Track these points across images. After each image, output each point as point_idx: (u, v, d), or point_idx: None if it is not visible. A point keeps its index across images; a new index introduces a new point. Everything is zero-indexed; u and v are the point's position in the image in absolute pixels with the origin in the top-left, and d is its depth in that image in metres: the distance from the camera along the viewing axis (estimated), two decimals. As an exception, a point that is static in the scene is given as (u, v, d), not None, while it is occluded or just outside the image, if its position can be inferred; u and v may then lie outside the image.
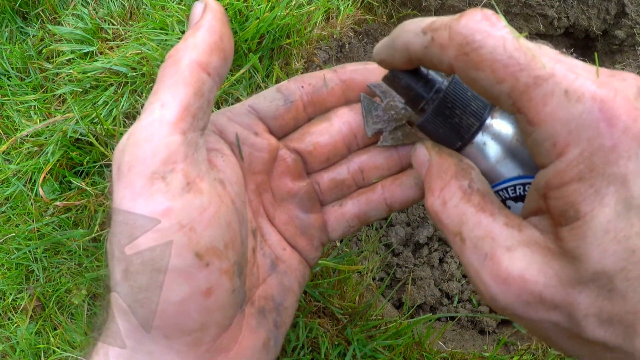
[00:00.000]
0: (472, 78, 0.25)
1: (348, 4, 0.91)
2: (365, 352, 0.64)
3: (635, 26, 0.94)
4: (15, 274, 0.82)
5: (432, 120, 0.30)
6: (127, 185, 0.25)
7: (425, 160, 0.31)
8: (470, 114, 0.29)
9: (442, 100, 0.29)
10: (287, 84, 0.36)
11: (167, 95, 0.27)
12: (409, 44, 0.27)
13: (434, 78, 0.31)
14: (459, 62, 0.25)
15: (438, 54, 0.26)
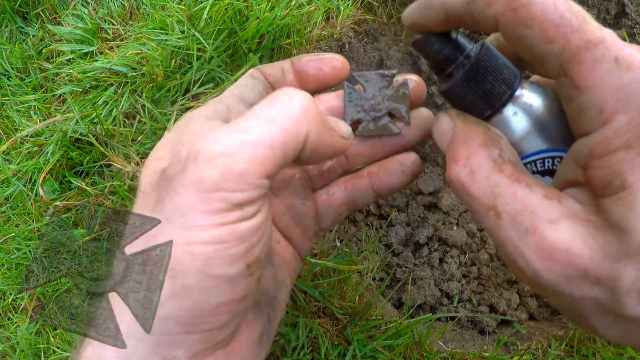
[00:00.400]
0: (519, 35, 0.24)
1: (348, 4, 0.91)
2: (365, 352, 0.64)
3: (636, 26, 0.93)
4: (15, 274, 0.82)
5: (461, 85, 0.29)
6: (203, 200, 0.25)
7: (449, 129, 0.29)
8: (502, 82, 0.28)
9: (474, 64, 0.28)
10: (255, 72, 0.36)
11: (274, 133, 0.27)
12: (448, 1, 0.26)
13: (464, 43, 0.30)
14: (506, 17, 0.24)
15: (482, 9, 0.25)
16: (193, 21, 0.84)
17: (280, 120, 0.26)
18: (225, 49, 0.83)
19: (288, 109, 0.27)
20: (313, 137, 0.28)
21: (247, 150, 0.25)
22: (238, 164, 0.25)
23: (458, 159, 0.27)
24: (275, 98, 0.27)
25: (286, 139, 0.26)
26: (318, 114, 0.28)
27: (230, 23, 0.82)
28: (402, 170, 0.36)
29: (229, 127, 0.26)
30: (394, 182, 0.37)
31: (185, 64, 0.84)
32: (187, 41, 0.82)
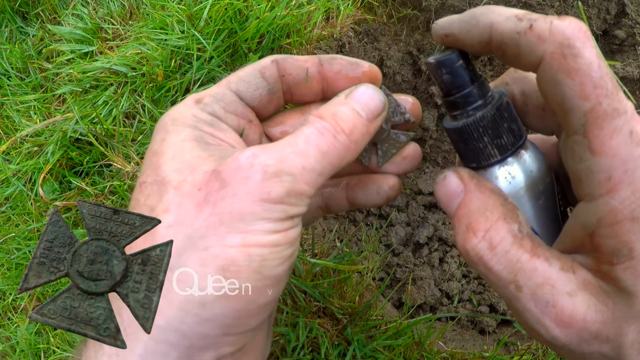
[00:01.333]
0: (557, 81, 0.25)
1: (348, 4, 0.90)
2: (365, 352, 0.64)
3: (636, 26, 0.93)
4: (15, 274, 0.82)
5: (477, 127, 0.28)
6: (267, 209, 0.27)
7: (458, 190, 0.29)
8: (513, 135, 0.28)
9: (498, 109, 0.28)
10: (271, 66, 0.35)
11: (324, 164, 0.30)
12: (497, 24, 0.26)
13: (487, 85, 0.29)
14: (553, 60, 0.24)
15: (533, 43, 0.25)
16: (193, 21, 0.84)
17: (330, 155, 0.30)
18: (225, 49, 0.83)
19: (336, 146, 0.30)
20: (353, 158, 0.31)
21: (306, 175, 0.29)
22: (300, 186, 0.28)
23: (476, 230, 0.27)
24: (324, 131, 0.30)
25: (331, 170, 0.30)
26: (360, 139, 0.31)
27: (230, 23, 0.82)
28: (377, 193, 0.37)
29: (289, 147, 0.29)
30: (368, 200, 0.38)
31: (185, 64, 0.84)
32: (187, 41, 0.82)
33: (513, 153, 0.29)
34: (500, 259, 0.26)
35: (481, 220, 0.27)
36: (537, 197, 0.29)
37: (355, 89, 0.33)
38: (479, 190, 0.28)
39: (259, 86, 0.35)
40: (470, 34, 0.28)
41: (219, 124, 0.33)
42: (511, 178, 0.29)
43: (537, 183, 0.29)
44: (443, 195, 0.30)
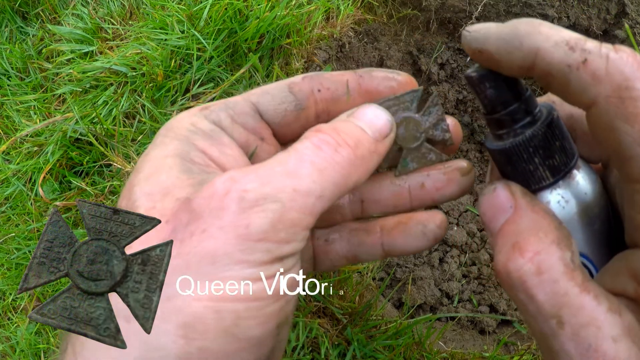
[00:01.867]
0: (614, 127, 0.22)
1: (348, 4, 0.90)
2: (365, 352, 0.64)
3: (636, 26, 0.93)
4: (15, 274, 0.82)
5: (527, 147, 0.25)
6: (245, 248, 0.22)
7: (508, 206, 0.25)
8: (566, 154, 0.25)
9: (549, 127, 0.25)
10: (302, 82, 0.30)
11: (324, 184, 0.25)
12: (544, 51, 0.22)
13: (534, 101, 0.26)
14: (610, 104, 0.22)
15: (585, 82, 0.22)
16: (193, 21, 0.84)
17: (331, 172, 0.25)
18: (225, 49, 0.83)
19: (337, 162, 0.25)
20: (362, 179, 0.27)
21: (299, 199, 0.23)
22: (290, 214, 0.23)
23: (524, 250, 0.23)
24: (322, 144, 0.25)
25: (335, 191, 0.25)
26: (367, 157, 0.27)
27: (230, 23, 0.82)
28: (423, 233, 0.31)
29: (277, 165, 0.24)
30: (410, 245, 0.32)
31: (185, 64, 0.84)
32: (187, 41, 0.82)
33: (566, 174, 0.26)
34: (547, 288, 0.23)
35: (532, 241, 0.23)
36: (592, 222, 0.26)
37: (358, 108, 0.29)
38: (532, 209, 0.24)
39: (284, 100, 0.30)
40: (510, 56, 0.23)
41: (220, 136, 0.28)
42: (564, 202, 0.26)
43: (592, 206, 0.26)
44: (489, 208, 0.26)
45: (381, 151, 0.28)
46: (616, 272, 0.24)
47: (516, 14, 0.93)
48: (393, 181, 0.32)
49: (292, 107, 0.30)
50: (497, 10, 0.92)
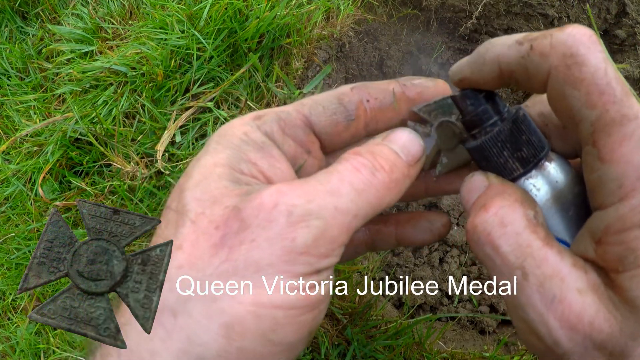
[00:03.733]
0: (565, 95, 0.24)
1: (348, 4, 0.90)
2: (366, 353, 0.64)
3: (636, 25, 0.93)
4: (15, 274, 0.82)
5: (495, 142, 0.28)
6: (289, 260, 0.24)
7: (482, 185, 0.28)
8: (534, 147, 0.28)
9: (514, 123, 0.28)
10: (351, 93, 0.31)
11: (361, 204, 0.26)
12: (502, 55, 0.26)
13: (501, 103, 0.29)
14: (558, 72, 0.24)
15: (537, 62, 0.24)
16: (193, 21, 0.84)
17: (367, 194, 0.26)
18: (225, 49, 0.83)
19: (374, 184, 0.27)
20: (394, 201, 0.28)
21: (339, 217, 0.25)
22: (331, 231, 0.25)
23: (489, 207, 0.25)
24: (361, 167, 0.27)
25: (369, 211, 0.27)
26: (400, 181, 0.28)
27: (230, 22, 0.82)
28: (429, 229, 0.35)
29: (319, 184, 0.26)
30: (418, 237, 0.35)
31: (185, 64, 0.84)
32: (187, 41, 0.82)
33: (536, 165, 0.28)
34: (510, 239, 0.24)
35: (497, 200, 0.25)
36: (567, 208, 0.28)
37: (393, 132, 0.30)
38: (502, 183, 0.27)
39: (336, 111, 0.31)
40: (481, 72, 0.27)
41: (270, 149, 0.30)
42: (536, 190, 0.28)
43: (565, 194, 0.28)
44: (466, 190, 0.28)
45: (413, 175, 0.29)
46: (580, 239, 0.26)
47: (516, 13, 0.93)
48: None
49: (343, 119, 0.31)
50: (497, 10, 0.92)
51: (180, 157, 0.79)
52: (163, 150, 0.79)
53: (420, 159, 0.30)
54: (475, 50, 0.28)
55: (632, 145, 0.23)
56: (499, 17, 0.93)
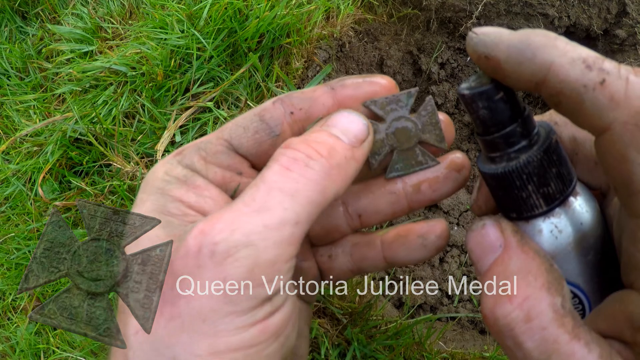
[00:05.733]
0: (627, 156, 0.20)
1: (348, 3, 0.90)
2: (366, 353, 0.64)
3: (636, 25, 0.93)
4: (15, 274, 0.82)
5: (521, 174, 0.23)
6: (228, 301, 0.22)
7: (497, 244, 0.24)
8: (562, 181, 0.23)
9: (545, 152, 0.23)
10: (272, 108, 0.29)
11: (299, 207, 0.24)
12: (558, 67, 0.21)
13: (533, 122, 0.24)
14: (625, 131, 0.20)
15: (603, 105, 0.20)
16: (193, 20, 0.84)
17: (304, 192, 0.24)
18: (225, 48, 0.83)
19: (310, 178, 0.24)
20: (342, 189, 0.25)
21: (272, 234, 0.23)
22: (265, 254, 0.23)
23: (513, 296, 0.22)
24: (291, 164, 0.24)
25: (313, 209, 0.24)
26: (344, 164, 0.25)
27: (230, 22, 0.82)
28: (423, 245, 0.30)
29: (244, 206, 0.23)
30: (412, 257, 0.31)
31: (185, 64, 0.84)
32: (187, 40, 0.82)
33: (562, 202, 0.24)
34: (535, 335, 0.22)
35: (521, 285, 0.22)
36: (587, 252, 0.25)
37: (331, 115, 0.28)
38: (522, 249, 0.23)
39: (257, 130, 0.29)
40: (520, 67, 0.21)
41: (194, 179, 0.28)
42: (558, 232, 0.24)
43: (588, 237, 0.25)
44: (477, 246, 0.25)
45: (359, 157, 0.27)
46: (611, 315, 0.23)
47: (516, 13, 0.93)
48: (389, 190, 0.31)
49: (266, 136, 0.29)
50: (498, 10, 0.92)
51: (180, 157, 0.79)
52: (163, 150, 0.79)
53: (365, 138, 0.27)
54: (526, 33, 0.21)
55: None
56: (499, 16, 0.93)
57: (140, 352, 0.23)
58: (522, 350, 0.22)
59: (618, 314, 0.23)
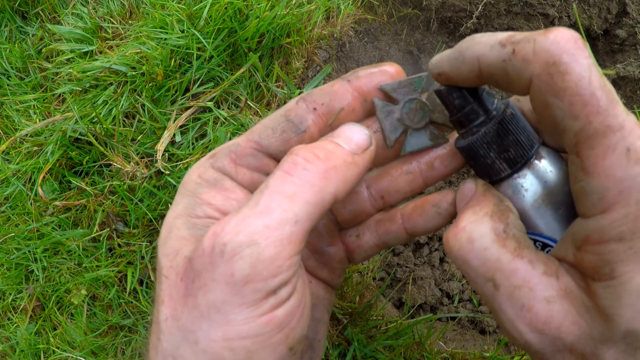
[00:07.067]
0: (547, 103, 0.24)
1: (348, 3, 0.90)
2: (366, 353, 0.64)
3: (637, 25, 0.93)
4: (15, 274, 0.82)
5: (481, 144, 0.28)
6: (236, 294, 0.25)
7: (470, 193, 0.29)
8: (522, 146, 0.27)
9: (499, 124, 0.27)
10: (296, 107, 0.32)
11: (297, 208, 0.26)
12: (482, 56, 0.25)
13: (488, 100, 0.29)
14: (541, 81, 0.23)
15: (519, 68, 0.24)
16: (193, 20, 0.84)
17: (301, 194, 0.26)
18: (225, 48, 0.83)
19: (307, 180, 0.26)
20: (341, 190, 0.28)
21: (272, 234, 0.25)
22: (266, 251, 0.25)
23: (460, 222, 0.27)
24: (291, 168, 0.27)
25: (312, 208, 0.26)
26: (342, 167, 0.28)
27: (230, 22, 0.81)
28: (438, 213, 0.33)
29: (248, 210, 0.26)
30: (429, 225, 0.34)
31: (185, 63, 0.83)
32: (187, 40, 0.82)
33: (524, 165, 0.28)
34: (478, 255, 0.25)
35: (468, 214, 0.27)
36: (557, 207, 0.28)
37: (338, 128, 0.31)
38: (484, 193, 0.28)
39: (285, 129, 0.31)
40: (460, 70, 0.27)
41: (223, 182, 0.31)
42: (524, 191, 0.28)
43: (555, 193, 0.28)
44: (458, 197, 0.30)
45: (360, 162, 0.29)
46: (563, 242, 0.26)
47: (517, 13, 0.93)
48: (405, 170, 0.34)
49: (293, 134, 0.31)
50: (498, 10, 0.92)
51: (180, 157, 0.79)
52: (163, 150, 0.79)
53: (367, 147, 0.30)
54: (457, 45, 0.27)
55: (615, 158, 0.22)
56: (499, 16, 0.93)
57: (169, 335, 0.26)
58: (471, 270, 0.26)
59: (566, 238, 0.26)
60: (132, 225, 0.77)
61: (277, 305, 0.26)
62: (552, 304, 0.24)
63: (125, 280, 0.76)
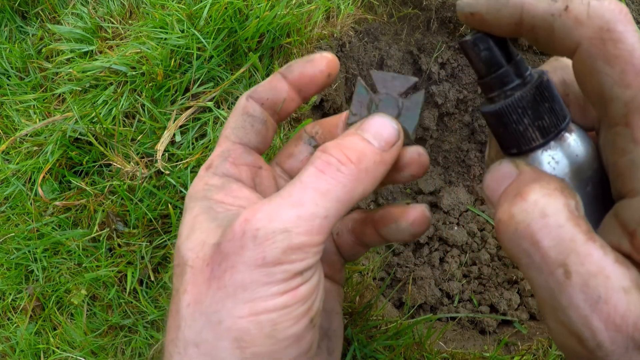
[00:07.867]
0: (596, 69, 0.23)
1: (348, 3, 0.90)
2: (366, 353, 0.64)
3: (637, 25, 0.93)
4: (15, 274, 0.82)
5: (515, 108, 0.26)
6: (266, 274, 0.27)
7: (513, 174, 0.25)
8: (556, 116, 0.26)
9: (537, 88, 0.25)
10: (249, 103, 0.35)
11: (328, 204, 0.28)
12: (529, 4, 0.24)
13: (524, 64, 0.27)
14: (591, 45, 0.22)
15: (569, 27, 0.23)
16: (193, 20, 0.84)
17: (334, 192, 0.28)
18: (225, 48, 0.83)
19: (340, 180, 0.28)
20: (369, 189, 0.30)
21: (304, 224, 0.27)
22: (298, 239, 0.27)
23: (526, 195, 0.23)
24: (325, 167, 0.29)
25: (341, 206, 0.28)
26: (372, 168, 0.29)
27: (230, 22, 0.81)
28: (397, 230, 0.35)
29: (282, 200, 0.28)
30: (393, 238, 0.36)
31: (185, 63, 0.83)
32: (187, 40, 0.82)
33: (556, 135, 0.26)
34: (552, 232, 0.21)
35: (535, 187, 0.23)
36: (585, 184, 0.26)
37: (367, 119, 0.32)
38: (534, 170, 0.25)
39: (252, 123, 0.35)
40: (498, 13, 0.24)
41: (230, 185, 0.33)
42: (555, 163, 0.26)
43: (585, 169, 0.26)
44: (492, 180, 0.26)
45: (388, 160, 0.31)
46: (608, 229, 0.24)
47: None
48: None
49: (260, 125, 0.35)
50: (498, 10, 0.92)
51: (180, 156, 0.79)
52: (163, 150, 0.79)
53: (395, 142, 0.31)
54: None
55: None
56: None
57: (191, 320, 0.28)
58: (540, 250, 0.22)
59: (614, 226, 0.23)
60: (132, 225, 0.77)
61: (302, 283, 0.28)
62: (630, 296, 0.20)
63: (125, 280, 0.76)
